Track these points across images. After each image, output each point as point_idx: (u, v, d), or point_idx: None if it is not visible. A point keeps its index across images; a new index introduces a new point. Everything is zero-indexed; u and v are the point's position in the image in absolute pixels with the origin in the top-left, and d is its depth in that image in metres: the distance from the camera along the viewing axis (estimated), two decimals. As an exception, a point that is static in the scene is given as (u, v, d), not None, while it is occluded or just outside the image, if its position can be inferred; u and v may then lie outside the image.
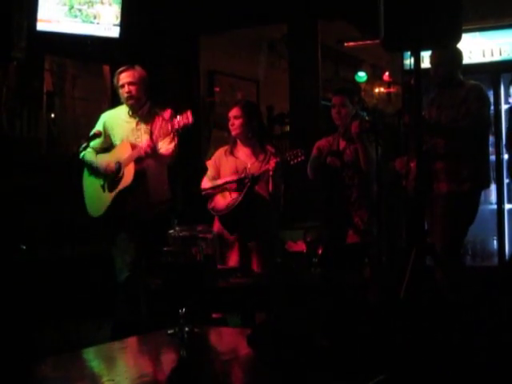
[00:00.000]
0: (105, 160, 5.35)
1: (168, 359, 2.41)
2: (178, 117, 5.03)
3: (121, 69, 5.39)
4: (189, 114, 5.00)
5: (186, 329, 2.43)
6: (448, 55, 5.47)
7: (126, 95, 5.34)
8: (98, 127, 5.45)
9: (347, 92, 5.91)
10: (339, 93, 5.84)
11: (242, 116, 5.43)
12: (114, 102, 5.93)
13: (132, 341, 2.62)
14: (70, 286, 5.79)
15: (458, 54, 5.56)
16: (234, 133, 5.48)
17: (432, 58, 5.57)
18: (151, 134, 5.18)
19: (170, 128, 5.10)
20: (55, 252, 6.28)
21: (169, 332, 2.45)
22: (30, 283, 5.66)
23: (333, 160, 5.67)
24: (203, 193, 5.52)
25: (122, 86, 5.35)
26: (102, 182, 5.35)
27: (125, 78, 5.35)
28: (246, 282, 4.44)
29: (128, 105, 5.40)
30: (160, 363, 2.37)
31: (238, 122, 5.43)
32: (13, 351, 4.77)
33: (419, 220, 4.84)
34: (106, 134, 5.42)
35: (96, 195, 5.38)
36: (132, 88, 5.33)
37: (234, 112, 5.47)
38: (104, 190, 5.33)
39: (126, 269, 5.33)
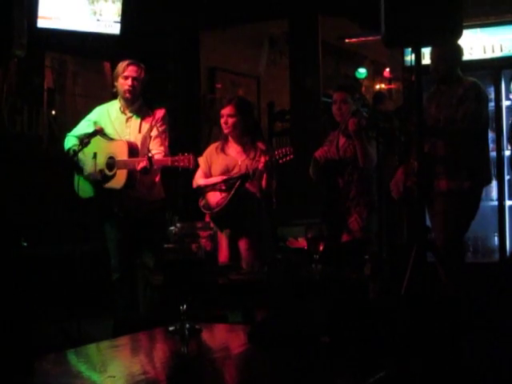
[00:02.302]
0: (92, 165, 5.33)
1: (169, 356, 2.41)
2: (179, 157, 5.04)
3: (130, 61, 5.39)
4: (191, 158, 5.01)
5: (187, 325, 2.43)
6: (449, 51, 5.46)
7: (126, 87, 5.34)
8: (92, 117, 5.46)
9: (348, 88, 5.92)
10: (340, 89, 5.85)
11: (236, 115, 5.42)
12: (115, 99, 5.93)
13: (133, 337, 2.62)
14: (71, 283, 5.79)
15: (459, 51, 5.55)
16: (226, 131, 5.47)
17: (433, 53, 5.56)
18: (151, 157, 5.13)
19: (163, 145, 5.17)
20: (56, 249, 6.28)
21: (170, 329, 2.45)
22: (30, 280, 5.66)
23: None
24: (195, 187, 5.55)
25: (126, 77, 5.34)
26: (91, 168, 5.33)
27: (132, 71, 5.35)
28: (246, 278, 4.45)
29: (123, 98, 5.40)
30: (161, 360, 2.37)
31: (231, 121, 5.42)
32: (14, 348, 4.78)
33: (420, 216, 4.84)
34: (98, 124, 5.42)
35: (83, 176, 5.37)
36: (136, 83, 5.34)
37: (228, 110, 5.44)
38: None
39: (118, 268, 5.37)
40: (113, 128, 5.38)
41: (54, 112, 7.45)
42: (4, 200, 5.78)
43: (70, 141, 5.44)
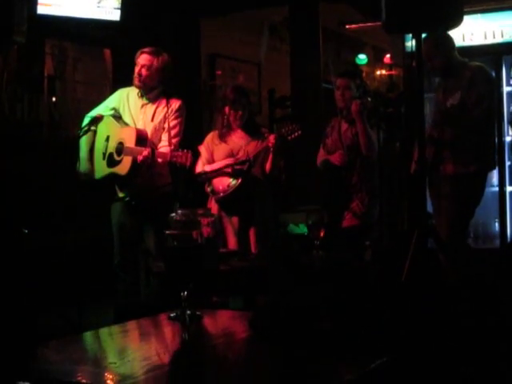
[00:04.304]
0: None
1: (170, 342, 2.41)
2: (178, 153, 5.01)
3: (145, 49, 5.37)
4: (189, 156, 4.98)
5: (188, 312, 2.43)
6: (438, 44, 5.44)
7: (135, 74, 5.34)
8: (110, 104, 5.46)
9: (352, 75, 5.92)
10: (344, 75, 5.85)
11: (241, 107, 5.46)
12: (116, 86, 5.93)
13: (134, 324, 2.63)
14: (72, 269, 5.80)
15: (448, 39, 5.52)
16: (239, 122, 5.49)
17: (424, 51, 5.50)
18: (154, 149, 5.12)
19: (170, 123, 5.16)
20: (57, 235, 6.29)
21: (171, 315, 2.46)
22: (31, 267, 5.66)
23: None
24: (199, 178, 5.52)
25: (137, 64, 5.34)
26: (103, 150, 5.34)
27: (143, 59, 5.34)
28: (248, 265, 4.45)
29: (134, 84, 5.40)
30: (162, 346, 2.37)
31: (242, 113, 5.47)
32: (16, 335, 4.79)
33: (421, 202, 4.84)
34: (116, 109, 5.42)
35: (96, 157, 5.38)
36: (144, 71, 5.31)
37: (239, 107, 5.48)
38: (104, 158, 5.33)
39: (119, 253, 5.38)
40: (129, 112, 5.38)
41: (54, 99, 7.43)
42: (4, 187, 5.79)
43: (85, 121, 5.44)
